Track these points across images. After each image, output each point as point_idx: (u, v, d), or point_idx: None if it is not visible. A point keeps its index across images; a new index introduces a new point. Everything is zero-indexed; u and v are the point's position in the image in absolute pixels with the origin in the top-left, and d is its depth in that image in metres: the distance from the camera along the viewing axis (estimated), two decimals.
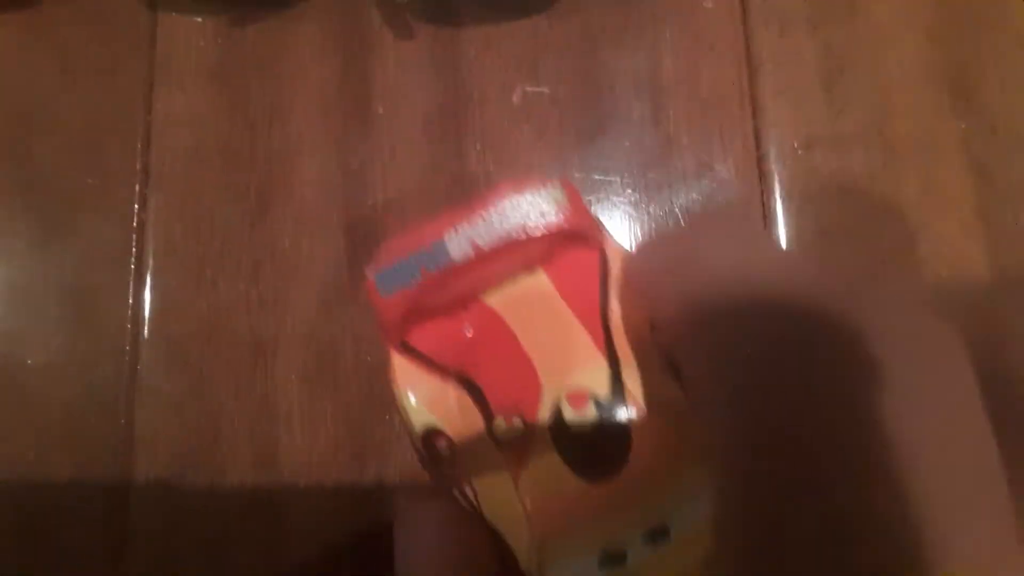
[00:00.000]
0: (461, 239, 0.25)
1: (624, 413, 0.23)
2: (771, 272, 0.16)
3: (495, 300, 0.26)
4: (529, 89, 0.33)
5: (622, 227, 0.32)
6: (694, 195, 0.32)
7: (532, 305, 0.26)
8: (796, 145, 0.32)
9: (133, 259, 0.32)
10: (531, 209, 0.25)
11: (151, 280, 0.32)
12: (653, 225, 0.32)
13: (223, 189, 0.33)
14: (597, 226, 0.28)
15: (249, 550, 0.30)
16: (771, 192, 0.32)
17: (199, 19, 0.34)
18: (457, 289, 0.25)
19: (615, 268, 0.27)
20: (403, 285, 0.25)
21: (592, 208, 0.32)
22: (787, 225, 0.32)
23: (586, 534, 0.23)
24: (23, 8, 0.35)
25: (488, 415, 0.25)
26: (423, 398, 0.26)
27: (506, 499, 0.24)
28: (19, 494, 0.31)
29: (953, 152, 0.32)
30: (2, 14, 0.35)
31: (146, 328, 0.32)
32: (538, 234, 0.25)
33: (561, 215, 0.25)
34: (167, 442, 0.31)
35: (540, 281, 0.27)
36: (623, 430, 0.23)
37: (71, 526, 0.31)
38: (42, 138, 0.34)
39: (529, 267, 0.27)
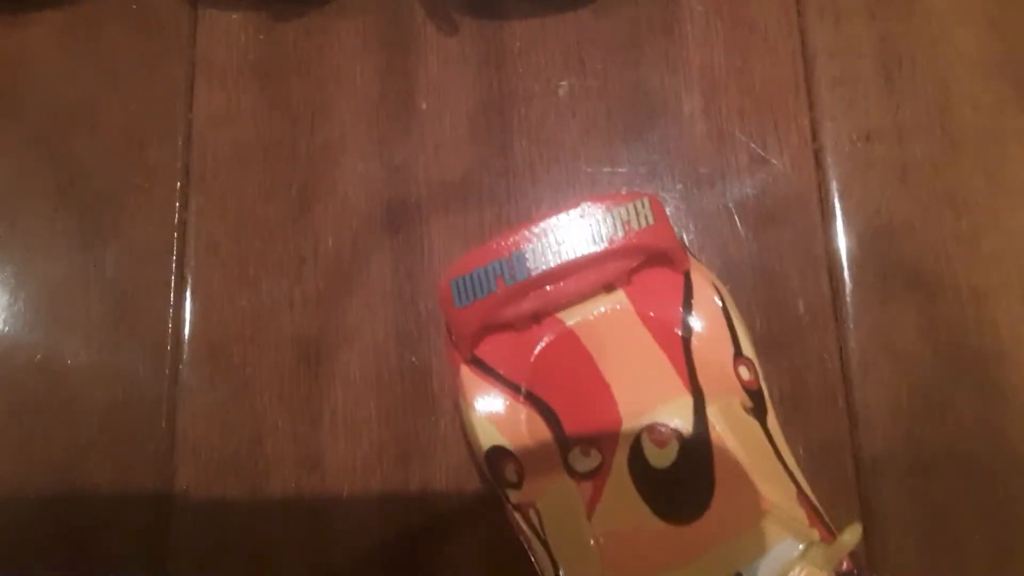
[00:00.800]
0: (541, 251, 0.24)
1: (709, 453, 0.22)
2: None
3: (572, 319, 0.26)
4: (575, 83, 0.32)
5: (673, 222, 0.31)
6: (748, 190, 0.31)
7: (611, 327, 0.25)
8: (854, 138, 0.31)
9: (174, 258, 0.32)
10: (616, 224, 0.24)
11: (192, 280, 0.32)
12: (705, 220, 0.31)
13: (265, 187, 0.32)
14: (683, 248, 0.26)
15: (293, 556, 0.30)
16: (829, 186, 0.31)
17: (240, 15, 0.34)
18: (533, 304, 0.25)
19: (700, 293, 0.26)
20: (478, 296, 0.24)
21: None
22: (846, 220, 0.30)
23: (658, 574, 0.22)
24: (63, 5, 0.34)
25: (563, 443, 0.24)
26: (491, 415, 0.25)
27: (576, 531, 0.23)
28: (58, 499, 0.31)
29: (1019, 145, 0.31)
30: (42, 12, 0.34)
31: (187, 328, 0.31)
32: (621, 251, 0.24)
33: (647, 233, 0.24)
34: (209, 446, 0.30)
35: (620, 302, 0.25)
36: (707, 471, 0.22)
37: (111, 532, 0.30)
38: (83, 137, 0.33)
39: (609, 287, 0.26)
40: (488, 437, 0.25)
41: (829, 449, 0.29)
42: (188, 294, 0.32)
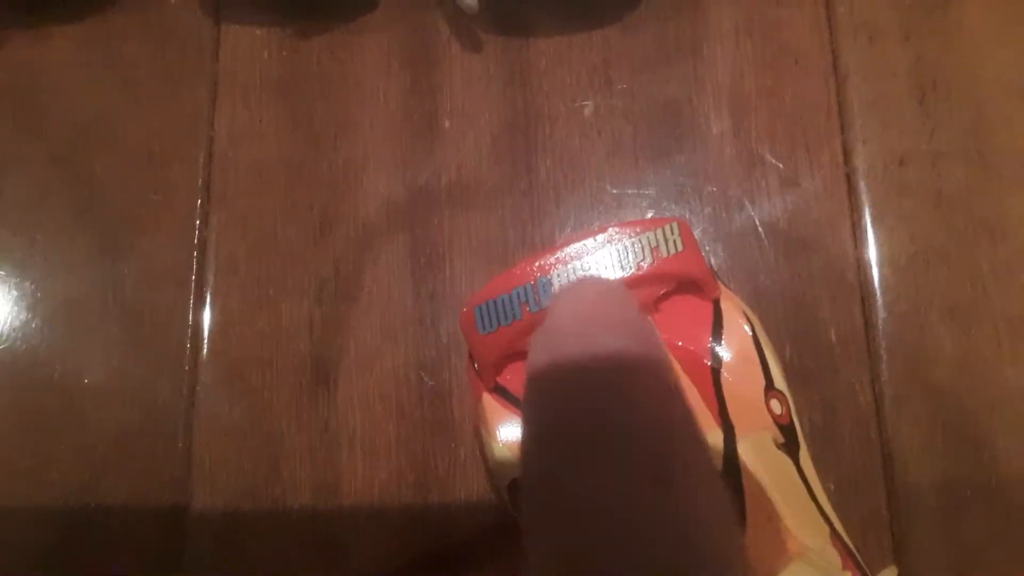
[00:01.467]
0: (567, 276, 0.23)
1: (740, 491, 0.22)
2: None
3: None
4: (601, 103, 0.32)
5: (701, 246, 0.30)
6: (778, 213, 0.30)
7: None
8: (888, 161, 0.30)
9: (193, 277, 0.31)
10: (644, 250, 0.23)
11: (211, 299, 0.31)
12: (733, 245, 0.30)
13: (286, 206, 0.32)
14: (712, 275, 0.26)
15: None
16: (861, 210, 0.30)
17: (263, 32, 0.34)
18: None
19: (730, 322, 0.25)
20: (503, 323, 0.23)
21: None
22: (879, 245, 0.30)
23: None
24: (84, 21, 0.34)
25: None
26: (513, 443, 0.24)
27: None
28: (73, 519, 0.30)
29: None
30: (63, 27, 0.34)
31: (205, 349, 0.31)
32: (649, 278, 0.24)
33: (675, 260, 0.24)
34: (226, 468, 0.30)
35: None
36: (738, 510, 0.21)
37: (126, 554, 0.30)
38: (103, 153, 0.33)
39: None
40: (510, 467, 0.24)
41: (861, 485, 0.28)
42: (206, 314, 0.31)
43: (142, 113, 0.33)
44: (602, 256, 0.23)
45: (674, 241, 0.24)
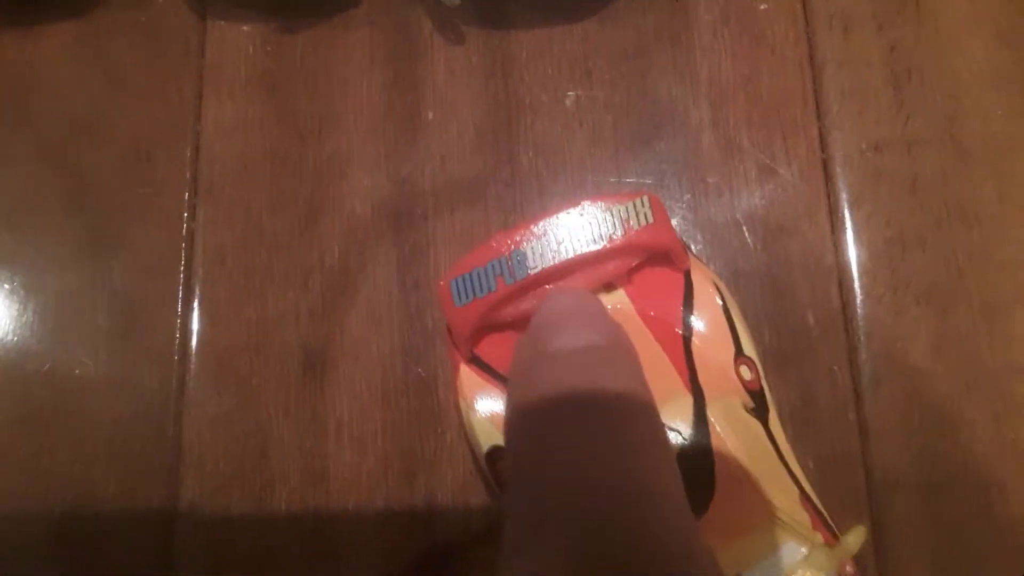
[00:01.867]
0: (541, 250, 0.24)
1: (709, 453, 0.22)
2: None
3: None
4: (582, 93, 0.32)
5: (680, 233, 0.31)
6: (756, 200, 0.31)
7: None
8: (864, 148, 0.31)
9: (182, 269, 0.32)
10: (616, 223, 0.24)
11: (200, 291, 0.32)
12: (713, 231, 0.31)
13: (272, 199, 0.32)
14: (683, 247, 0.26)
15: (298, 568, 0.29)
16: (838, 196, 0.31)
17: (248, 27, 0.34)
18: (533, 303, 0.24)
19: (701, 292, 0.26)
20: (478, 295, 0.24)
21: None
22: (856, 231, 0.30)
23: None
24: (73, 18, 0.35)
25: None
26: (490, 414, 0.25)
27: None
28: (63, 510, 0.31)
29: None
30: (52, 24, 0.35)
31: (194, 340, 0.31)
32: (621, 249, 0.24)
33: (646, 231, 0.24)
34: (215, 457, 0.30)
35: (620, 301, 0.25)
36: (707, 471, 0.22)
37: (116, 543, 0.30)
38: (91, 147, 0.33)
39: (609, 286, 0.26)
40: (488, 436, 0.25)
41: (840, 464, 0.28)
42: (195, 305, 0.32)
43: (130, 108, 0.34)
44: (575, 229, 0.24)
45: (645, 214, 0.24)
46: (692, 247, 0.30)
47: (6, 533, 0.31)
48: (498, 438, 0.24)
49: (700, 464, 0.22)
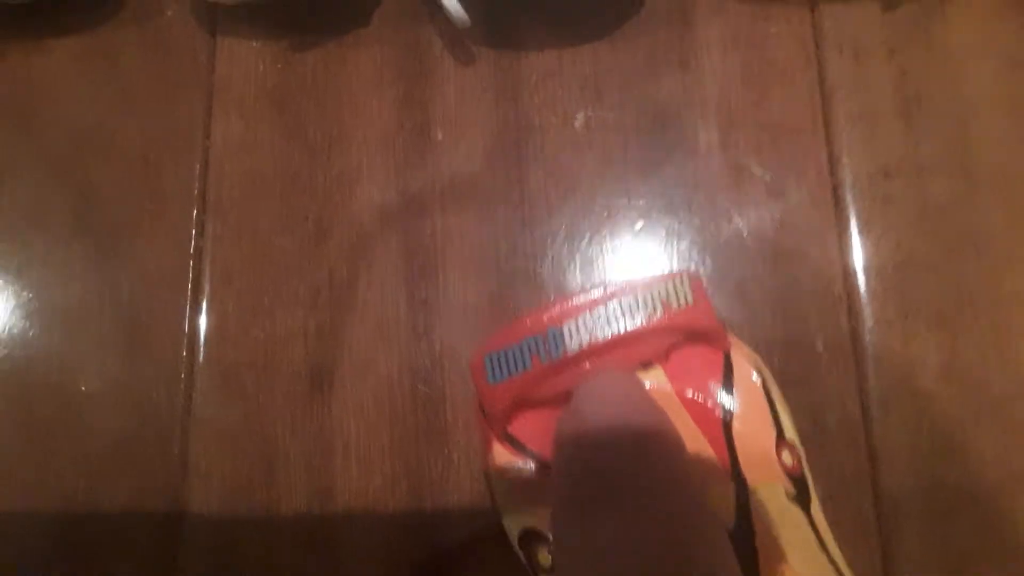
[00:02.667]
0: (578, 330, 0.23)
1: (753, 546, 0.21)
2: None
3: None
4: (592, 115, 0.32)
5: (689, 257, 0.31)
6: (766, 224, 0.31)
7: None
8: (873, 173, 0.31)
9: (189, 285, 0.32)
10: (655, 303, 0.24)
11: (207, 307, 0.32)
12: (722, 255, 0.31)
13: (281, 216, 0.32)
14: (723, 327, 0.26)
15: None
16: (847, 222, 0.31)
17: (258, 44, 0.34)
18: (569, 382, 0.24)
19: (740, 373, 0.25)
20: (512, 372, 0.24)
21: (659, 238, 0.31)
22: (865, 255, 0.30)
23: None
24: (83, 32, 0.35)
25: None
26: (523, 495, 0.24)
27: None
28: (70, 523, 0.30)
29: None
30: (61, 38, 0.35)
31: (201, 355, 0.31)
32: (659, 331, 0.24)
33: (686, 313, 0.24)
34: (221, 473, 0.30)
35: (658, 379, 0.24)
36: (751, 566, 0.21)
37: (122, 557, 0.30)
38: (100, 162, 0.33)
39: (646, 363, 0.25)
40: (519, 520, 0.24)
41: (849, 489, 0.28)
42: (202, 321, 0.32)
43: (139, 123, 0.34)
44: (613, 309, 0.24)
45: (685, 294, 0.24)
46: (701, 271, 0.30)
47: (14, 543, 0.31)
48: (530, 521, 0.24)
49: (744, 553, 0.21)
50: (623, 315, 0.24)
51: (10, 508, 0.31)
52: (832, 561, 0.23)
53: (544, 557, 0.23)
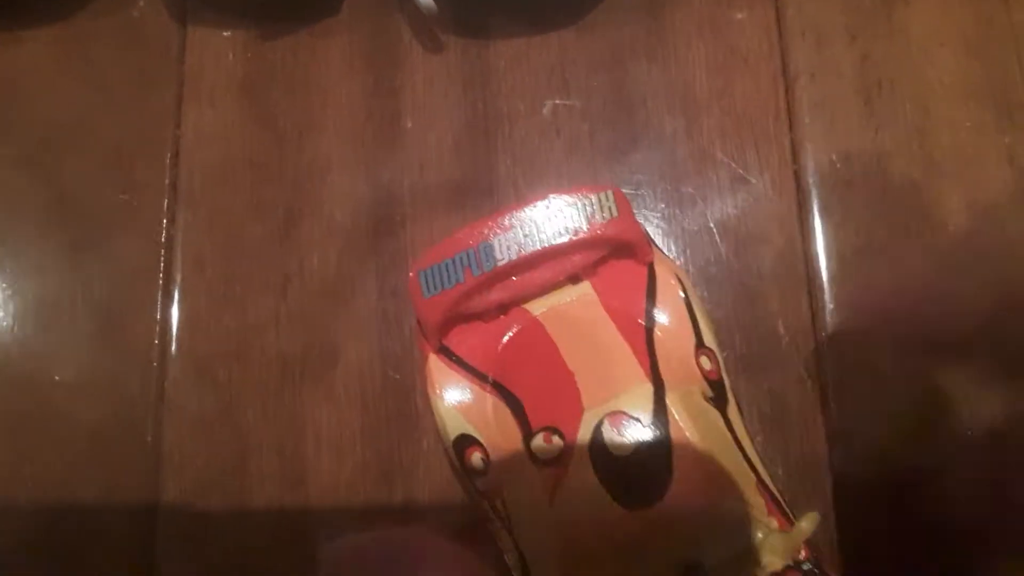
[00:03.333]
0: (508, 242, 0.24)
1: (667, 440, 0.22)
2: None
3: (538, 309, 0.26)
4: (560, 103, 0.33)
5: (656, 242, 0.31)
6: (729, 210, 0.31)
7: (576, 317, 0.26)
8: (835, 158, 0.31)
9: (161, 275, 0.32)
10: (581, 216, 0.25)
11: (179, 297, 0.32)
12: (687, 240, 0.31)
13: (252, 205, 0.33)
14: (647, 240, 0.27)
15: (277, 571, 0.30)
16: (809, 206, 0.31)
17: (228, 33, 0.34)
18: (500, 295, 0.25)
19: (663, 284, 0.26)
20: (446, 286, 0.25)
21: None
22: (826, 239, 0.31)
23: (618, 563, 0.23)
24: (54, 24, 0.35)
25: (527, 430, 0.24)
26: (458, 403, 0.25)
27: (538, 518, 0.24)
28: (45, 513, 0.31)
29: (997, 166, 0.31)
30: (32, 30, 0.35)
31: (174, 345, 0.32)
32: (586, 242, 0.25)
33: (611, 224, 0.25)
34: (194, 462, 0.31)
35: (585, 293, 0.26)
36: (665, 458, 0.22)
37: (97, 546, 0.31)
38: (72, 153, 0.34)
39: (575, 278, 0.26)
40: (455, 425, 0.25)
41: (808, 469, 0.29)
42: (174, 311, 0.32)
43: (110, 114, 0.34)
44: (541, 221, 0.25)
45: (610, 208, 0.25)
46: (661, 247, 0.31)
47: None
48: (465, 427, 0.25)
49: (658, 451, 0.22)
50: (552, 228, 0.24)
51: None
52: (747, 459, 0.24)
53: (477, 460, 0.25)
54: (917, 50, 0.32)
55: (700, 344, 0.25)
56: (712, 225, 0.31)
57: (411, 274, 0.25)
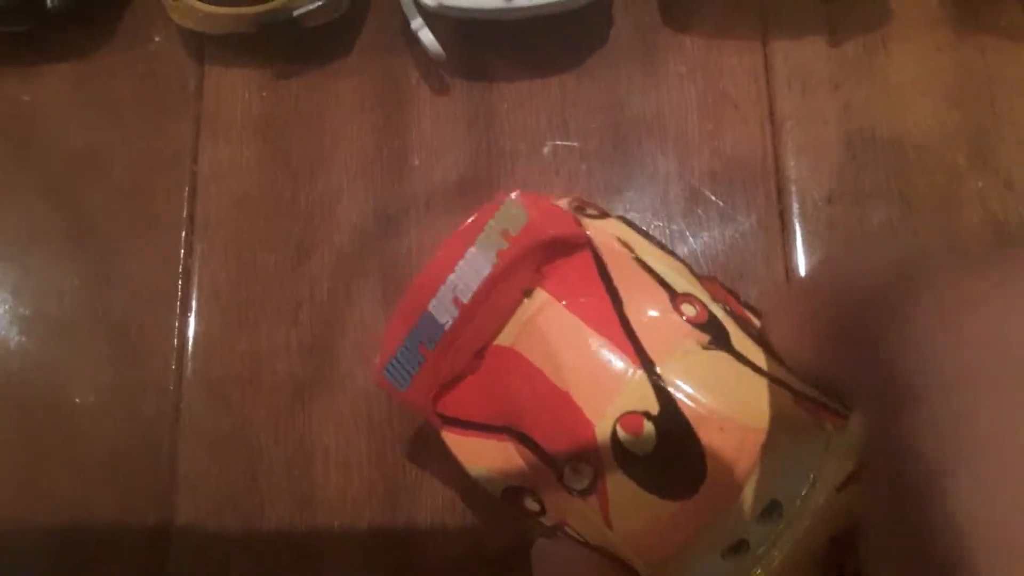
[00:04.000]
0: (444, 302, 0.24)
1: (681, 418, 0.21)
2: None
3: (509, 338, 0.25)
4: (560, 143, 0.35)
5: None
6: (718, 245, 0.33)
7: (546, 332, 0.24)
8: (818, 199, 0.33)
9: (178, 302, 0.34)
10: (495, 237, 0.23)
11: (195, 323, 0.34)
12: None
13: (266, 237, 0.34)
14: (572, 221, 0.25)
15: None
16: (793, 244, 0.33)
17: (244, 72, 0.36)
18: (467, 347, 0.24)
19: (611, 255, 0.24)
20: (412, 371, 0.24)
21: None
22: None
23: (696, 544, 0.22)
24: (76, 59, 0.36)
25: (554, 466, 0.23)
26: (487, 464, 0.25)
27: (608, 543, 0.23)
28: (62, 532, 0.32)
29: (971, 208, 0.33)
30: (55, 65, 0.36)
31: (189, 369, 0.33)
32: (514, 260, 0.23)
33: (527, 230, 0.23)
34: (208, 482, 0.32)
35: (543, 300, 0.24)
36: (689, 436, 0.21)
37: (113, 563, 0.32)
38: (92, 186, 0.35)
39: (527, 291, 0.25)
40: (495, 483, 0.25)
41: None
42: (190, 337, 0.33)
43: (129, 148, 0.36)
44: (462, 266, 0.23)
45: (518, 215, 0.23)
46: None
47: (5, 552, 0.32)
48: (504, 480, 0.25)
49: (679, 432, 0.21)
50: (475, 266, 0.23)
51: (5, 516, 0.32)
52: (773, 379, 0.22)
53: (531, 503, 0.24)
54: (897, 98, 0.34)
55: (674, 294, 0.24)
56: (701, 261, 0.33)
57: (378, 377, 0.24)
